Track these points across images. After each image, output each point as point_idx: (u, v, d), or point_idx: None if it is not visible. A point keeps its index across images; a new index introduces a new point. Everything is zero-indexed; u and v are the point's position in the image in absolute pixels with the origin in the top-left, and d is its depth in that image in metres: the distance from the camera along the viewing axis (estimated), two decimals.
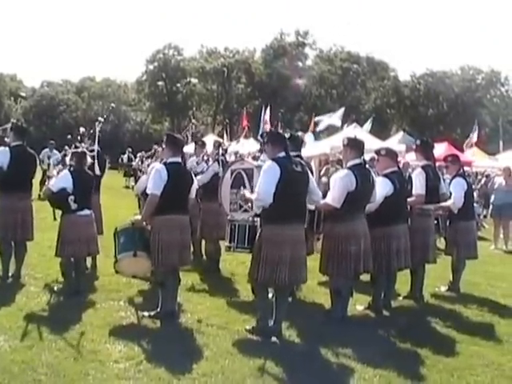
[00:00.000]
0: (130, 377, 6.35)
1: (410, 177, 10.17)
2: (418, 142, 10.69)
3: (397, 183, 9.02)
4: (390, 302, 9.53)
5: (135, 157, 34.96)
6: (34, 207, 10.55)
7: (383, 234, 8.95)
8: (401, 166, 11.68)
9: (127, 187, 32.18)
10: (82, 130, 11.09)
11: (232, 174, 9.59)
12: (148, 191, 8.20)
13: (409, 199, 9.61)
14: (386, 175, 9.10)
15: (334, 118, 30.11)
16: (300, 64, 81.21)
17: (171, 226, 8.26)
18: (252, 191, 8.18)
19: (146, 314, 8.45)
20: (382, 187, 8.92)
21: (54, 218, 9.61)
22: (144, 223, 8.47)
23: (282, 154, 7.73)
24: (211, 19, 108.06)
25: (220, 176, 10.12)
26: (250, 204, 8.36)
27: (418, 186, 9.77)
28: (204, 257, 11.98)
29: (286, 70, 74.51)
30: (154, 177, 8.21)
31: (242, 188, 8.38)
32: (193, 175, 9.10)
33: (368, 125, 30.50)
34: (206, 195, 10.66)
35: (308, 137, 24.38)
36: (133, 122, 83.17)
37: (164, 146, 8.78)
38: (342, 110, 31.32)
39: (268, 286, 7.81)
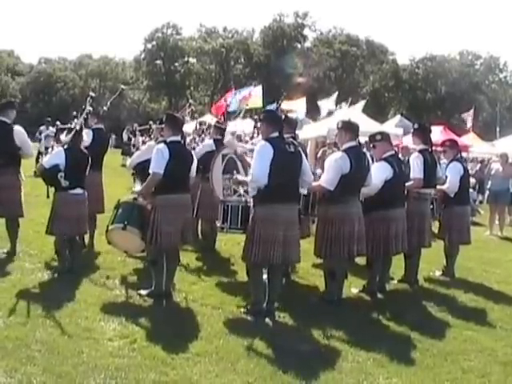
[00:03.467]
0: (123, 355, 6.35)
1: (408, 161, 10.15)
2: (416, 126, 10.69)
3: (396, 167, 9.03)
4: (384, 285, 9.56)
5: (133, 135, 34.75)
6: (24, 184, 10.53)
7: (382, 218, 8.96)
8: (399, 150, 11.64)
9: (124, 166, 32.09)
10: (89, 108, 10.94)
11: (223, 159, 9.56)
12: (150, 170, 8.17)
13: (407, 183, 9.61)
14: (385, 159, 9.09)
15: (330, 103, 29.88)
16: (299, 45, 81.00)
17: (174, 206, 8.25)
18: (246, 175, 8.18)
19: (139, 292, 8.45)
20: (382, 171, 8.92)
21: (48, 196, 9.57)
22: (145, 202, 8.48)
23: (276, 134, 7.73)
24: None
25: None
26: (245, 187, 8.35)
27: (416, 169, 9.78)
28: (200, 237, 11.97)
29: (290, 64, 74.13)
30: (156, 156, 8.18)
31: (234, 172, 8.36)
32: (193, 154, 9.09)
33: (361, 104, 30.20)
34: (204, 175, 10.61)
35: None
36: (130, 101, 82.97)
37: (164, 126, 8.74)
38: (335, 95, 31.13)
39: (262, 265, 7.82)
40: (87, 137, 10.38)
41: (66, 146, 9.46)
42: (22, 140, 10.27)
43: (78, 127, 9.67)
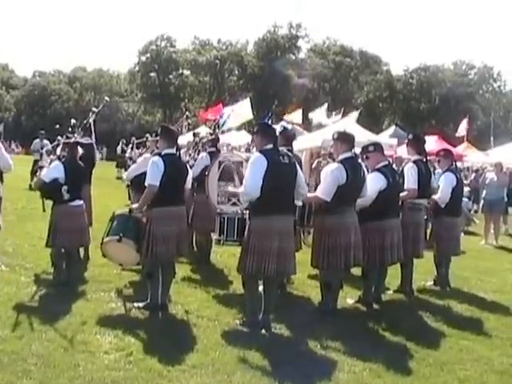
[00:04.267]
0: (120, 368, 6.34)
1: (402, 171, 10.17)
2: (411, 136, 10.70)
3: (389, 177, 9.03)
4: (380, 295, 9.56)
5: (127, 146, 34.73)
6: (4, 195, 10.51)
7: (377, 228, 8.96)
8: (393, 160, 11.62)
9: (119, 178, 32.11)
10: (73, 121, 11.02)
11: (220, 165, 9.61)
12: (146, 183, 8.19)
13: (401, 193, 9.62)
14: (378, 169, 9.10)
15: (320, 115, 30.01)
16: (293, 57, 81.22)
17: (169, 218, 8.26)
18: (241, 184, 8.19)
19: (135, 305, 8.45)
20: (376, 182, 8.93)
21: (43, 210, 9.58)
22: (140, 214, 8.48)
23: (270, 146, 7.74)
24: (204, 11, 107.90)
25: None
26: (237, 198, 8.36)
27: (411, 180, 9.78)
28: (195, 248, 11.97)
29: (284, 67, 74.36)
30: (151, 168, 8.19)
31: (227, 184, 8.37)
32: (188, 166, 9.12)
33: (355, 115, 30.38)
34: (198, 187, 10.63)
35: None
36: (124, 113, 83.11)
37: (159, 138, 8.76)
38: (325, 106, 31.27)
39: (256, 277, 7.83)
40: None
41: (63, 159, 9.50)
42: None
43: (91, 141, 9.74)
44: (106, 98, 17.01)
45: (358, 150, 9.23)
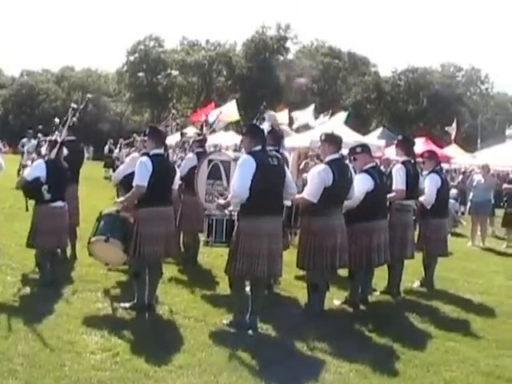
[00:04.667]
0: (106, 368, 6.33)
1: (390, 172, 10.19)
2: (400, 137, 10.77)
3: (377, 178, 9.05)
4: (367, 296, 9.57)
5: (118, 148, 34.69)
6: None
7: (364, 229, 8.97)
8: (381, 162, 11.63)
9: (106, 178, 32.04)
10: (56, 120, 10.99)
11: (209, 164, 9.63)
12: (134, 183, 8.15)
13: (389, 194, 9.64)
14: (365, 171, 9.11)
15: (307, 116, 29.86)
16: (281, 58, 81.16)
17: (156, 218, 8.24)
18: (228, 183, 8.18)
19: (121, 305, 8.42)
20: (363, 183, 8.94)
21: (27, 209, 9.51)
22: (128, 214, 8.45)
23: (259, 147, 7.74)
24: (193, 11, 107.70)
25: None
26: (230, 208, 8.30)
27: (399, 181, 9.80)
28: (182, 249, 11.94)
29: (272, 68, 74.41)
30: (139, 169, 8.15)
31: (215, 182, 8.37)
32: (175, 167, 9.11)
33: (344, 115, 30.29)
34: (186, 188, 10.61)
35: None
36: (112, 113, 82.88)
37: (146, 138, 8.73)
38: (312, 107, 31.16)
39: (246, 278, 7.82)
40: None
41: (46, 158, 9.44)
42: None
43: (59, 139, 9.66)
44: (88, 95, 16.97)
45: (345, 151, 9.24)
